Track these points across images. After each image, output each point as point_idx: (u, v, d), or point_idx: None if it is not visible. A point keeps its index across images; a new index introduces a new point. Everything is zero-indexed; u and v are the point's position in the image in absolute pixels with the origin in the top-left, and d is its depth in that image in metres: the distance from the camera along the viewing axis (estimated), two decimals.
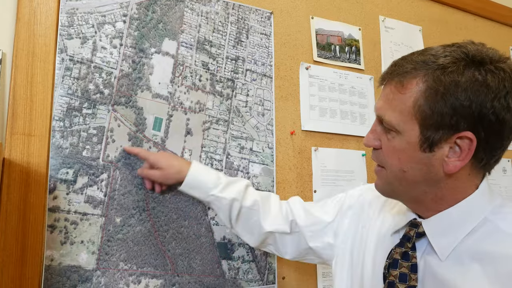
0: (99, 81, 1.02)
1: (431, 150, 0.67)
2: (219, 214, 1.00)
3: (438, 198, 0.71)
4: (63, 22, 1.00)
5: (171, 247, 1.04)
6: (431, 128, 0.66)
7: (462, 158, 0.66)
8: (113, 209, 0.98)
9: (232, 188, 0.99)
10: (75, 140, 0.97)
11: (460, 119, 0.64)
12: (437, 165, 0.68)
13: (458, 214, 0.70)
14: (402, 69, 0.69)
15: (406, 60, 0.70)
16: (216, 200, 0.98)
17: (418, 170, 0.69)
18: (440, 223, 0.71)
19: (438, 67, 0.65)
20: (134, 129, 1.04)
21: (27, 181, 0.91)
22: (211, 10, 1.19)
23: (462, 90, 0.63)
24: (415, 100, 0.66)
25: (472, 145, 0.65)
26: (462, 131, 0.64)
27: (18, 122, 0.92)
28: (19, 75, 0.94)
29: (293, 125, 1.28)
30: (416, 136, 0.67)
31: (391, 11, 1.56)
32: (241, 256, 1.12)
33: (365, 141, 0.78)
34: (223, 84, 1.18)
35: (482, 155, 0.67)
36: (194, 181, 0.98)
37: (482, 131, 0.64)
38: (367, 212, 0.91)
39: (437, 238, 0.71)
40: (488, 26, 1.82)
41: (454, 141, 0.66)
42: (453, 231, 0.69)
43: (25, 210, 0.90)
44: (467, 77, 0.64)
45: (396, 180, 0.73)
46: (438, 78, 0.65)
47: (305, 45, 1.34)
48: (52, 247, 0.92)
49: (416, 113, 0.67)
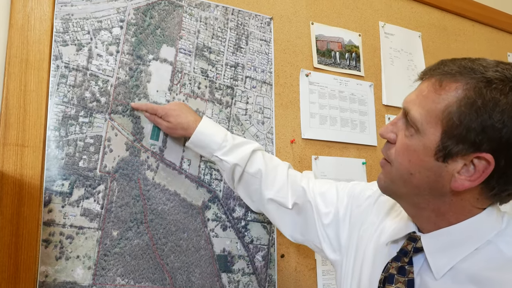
0: (96, 89, 0.99)
1: (444, 160, 0.64)
2: (223, 174, 1.04)
3: (440, 212, 0.68)
4: (57, 28, 0.96)
5: (169, 261, 1.01)
6: (452, 139, 0.62)
7: (473, 179, 0.62)
8: (110, 222, 0.95)
9: (236, 152, 0.99)
10: (71, 150, 0.94)
11: (485, 139, 0.60)
12: (446, 178, 0.65)
13: (459, 234, 0.67)
14: (447, 69, 0.65)
15: (454, 62, 0.66)
16: (219, 162, 1.00)
17: (425, 177, 0.66)
18: (439, 240, 0.68)
19: (484, 79, 0.61)
20: (132, 138, 1.01)
21: (20, 194, 0.88)
22: (210, 16, 1.16)
23: (499, 110, 0.59)
24: (448, 105, 0.62)
25: (488, 169, 0.61)
26: (483, 152, 0.61)
27: (10, 132, 0.89)
28: (12, 83, 0.90)
29: (293, 133, 1.25)
30: (435, 141, 0.64)
31: (391, 16, 1.55)
32: (241, 269, 1.09)
33: (382, 131, 0.73)
34: (223, 91, 1.15)
35: (495, 184, 0.63)
36: (199, 141, 0.99)
37: (503, 159, 0.61)
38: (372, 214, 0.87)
39: (435, 255, 0.68)
40: (487, 32, 1.81)
41: (471, 160, 0.62)
42: (452, 250, 0.67)
43: (18, 224, 0.87)
44: (509, 100, 0.59)
45: (401, 181, 0.70)
46: (479, 90, 0.61)
47: (305, 52, 1.32)
48: (46, 263, 0.88)
49: (444, 118, 0.63)
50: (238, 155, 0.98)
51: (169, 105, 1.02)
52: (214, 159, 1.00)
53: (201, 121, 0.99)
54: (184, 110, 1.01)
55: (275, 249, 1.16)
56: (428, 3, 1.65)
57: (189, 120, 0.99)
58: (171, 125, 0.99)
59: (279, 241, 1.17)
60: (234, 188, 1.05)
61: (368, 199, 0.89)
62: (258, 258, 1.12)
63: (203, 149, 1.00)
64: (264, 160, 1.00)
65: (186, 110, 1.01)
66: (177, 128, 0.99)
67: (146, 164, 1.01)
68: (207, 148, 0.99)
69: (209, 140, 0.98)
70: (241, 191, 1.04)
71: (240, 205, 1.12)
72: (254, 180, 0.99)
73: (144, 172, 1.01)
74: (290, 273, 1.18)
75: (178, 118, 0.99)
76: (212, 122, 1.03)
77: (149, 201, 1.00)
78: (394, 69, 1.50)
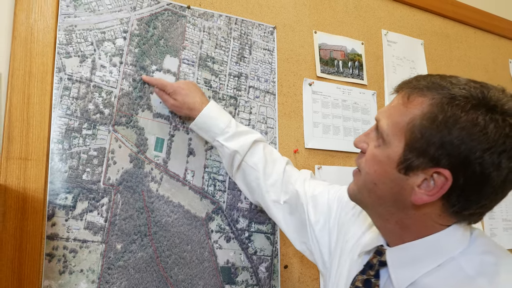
0: (99, 100, 0.98)
1: (406, 173, 0.64)
2: (223, 160, 1.04)
3: (403, 225, 0.68)
4: (61, 40, 0.95)
5: (173, 273, 1.00)
6: (414, 152, 0.63)
7: (431, 193, 0.62)
8: (114, 235, 0.95)
9: (238, 140, 0.99)
10: (75, 163, 0.93)
11: (444, 154, 0.60)
12: (408, 191, 0.65)
13: (422, 249, 0.67)
14: (417, 83, 0.66)
15: (426, 77, 0.67)
16: (220, 147, 1.00)
17: (389, 188, 0.67)
18: (402, 255, 0.69)
19: (449, 95, 0.61)
20: (136, 150, 1.00)
21: (24, 208, 0.87)
22: (214, 26, 1.16)
23: (459, 127, 0.59)
24: (413, 119, 0.63)
25: (446, 185, 0.61)
26: (441, 167, 0.61)
27: (14, 146, 0.88)
28: (15, 96, 0.89)
29: (296, 143, 1.25)
30: (398, 153, 0.64)
31: (393, 24, 1.55)
32: (245, 280, 1.09)
33: (355, 141, 0.74)
34: (226, 101, 1.15)
35: (455, 201, 0.62)
36: (203, 123, 0.99)
37: (462, 177, 0.60)
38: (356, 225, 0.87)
39: (397, 269, 0.68)
40: (488, 39, 1.81)
41: (431, 174, 0.62)
42: (414, 265, 0.67)
43: (22, 238, 0.86)
44: (469, 117, 0.59)
45: (366, 190, 0.71)
46: (442, 106, 0.61)
47: (308, 61, 1.32)
48: (50, 277, 0.88)
49: (408, 131, 0.63)
50: (239, 143, 0.99)
51: (179, 83, 1.01)
52: (215, 144, 1.00)
53: (208, 104, 0.99)
54: (193, 90, 1.01)
55: (278, 260, 1.15)
56: (430, 10, 1.65)
57: (196, 101, 0.99)
58: (177, 103, 0.99)
59: (283, 252, 1.17)
60: (232, 176, 1.05)
61: (354, 209, 0.90)
62: (262, 269, 1.12)
63: (206, 133, 1.00)
64: (264, 153, 1.01)
65: (195, 90, 1.01)
66: (183, 107, 1.00)
67: (150, 176, 1.01)
68: (210, 132, 0.99)
69: (212, 124, 0.99)
70: (239, 180, 1.04)
71: (244, 216, 1.12)
72: (252, 171, 1.00)
73: (148, 184, 1.00)
74: (294, 283, 1.18)
75: (186, 97, 0.99)
76: (218, 106, 1.03)
77: (153, 213, 1.00)
78: (397, 77, 1.50)
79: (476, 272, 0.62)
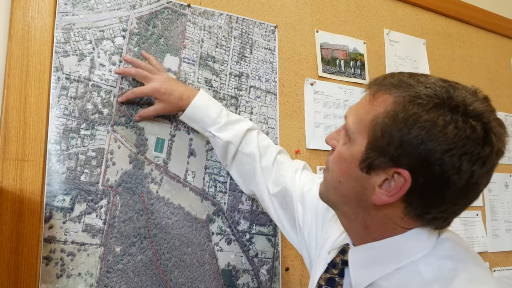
0: (98, 100, 0.96)
1: (368, 172, 0.62)
2: (216, 151, 1.03)
3: (366, 225, 0.67)
4: (58, 39, 0.93)
5: (173, 277, 0.98)
6: (375, 150, 0.61)
7: (391, 194, 0.61)
8: (112, 238, 0.93)
9: (230, 129, 0.97)
10: (73, 164, 0.91)
11: (403, 154, 0.58)
12: (369, 190, 0.63)
13: (382, 251, 0.66)
14: (385, 81, 0.64)
15: (394, 75, 0.65)
16: (212, 138, 0.99)
17: (352, 187, 0.65)
18: (362, 255, 0.68)
19: (412, 94, 0.59)
20: (135, 150, 0.98)
21: (20, 210, 0.85)
22: (214, 24, 1.14)
23: (418, 127, 0.57)
24: (376, 116, 0.61)
25: (405, 186, 0.59)
26: (401, 168, 0.59)
27: (10, 147, 0.86)
28: (11, 95, 0.87)
29: (298, 143, 1.23)
30: (361, 151, 0.63)
31: (396, 24, 1.53)
32: (246, 283, 1.07)
33: (326, 138, 0.74)
34: (227, 101, 1.13)
35: (417, 203, 0.61)
36: (193, 115, 0.97)
37: (422, 178, 0.58)
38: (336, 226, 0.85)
39: (357, 270, 0.68)
40: (490, 38, 1.80)
41: (392, 174, 0.60)
42: (373, 267, 0.66)
43: (18, 241, 0.84)
44: (430, 117, 0.57)
45: (332, 188, 0.70)
46: (404, 105, 0.59)
47: (310, 60, 1.30)
48: (47, 281, 0.86)
49: (370, 129, 0.62)
50: (231, 133, 0.97)
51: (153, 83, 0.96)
52: (207, 135, 0.99)
53: (198, 94, 0.97)
54: (173, 84, 0.97)
55: (279, 262, 1.13)
56: (432, 10, 1.63)
57: (181, 91, 0.96)
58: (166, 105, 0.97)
59: (284, 254, 1.15)
60: (227, 166, 1.04)
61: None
62: (263, 272, 1.10)
63: (197, 123, 0.98)
64: (257, 140, 0.99)
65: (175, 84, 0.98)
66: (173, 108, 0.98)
67: (150, 177, 0.99)
68: (201, 123, 0.97)
69: (204, 114, 0.97)
70: (234, 171, 1.03)
71: (245, 218, 1.10)
72: (248, 160, 0.98)
73: (148, 185, 0.98)
74: (295, 286, 1.16)
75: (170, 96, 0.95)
76: (208, 95, 1.01)
77: (153, 215, 0.98)
78: None
79: (432, 277, 0.61)
